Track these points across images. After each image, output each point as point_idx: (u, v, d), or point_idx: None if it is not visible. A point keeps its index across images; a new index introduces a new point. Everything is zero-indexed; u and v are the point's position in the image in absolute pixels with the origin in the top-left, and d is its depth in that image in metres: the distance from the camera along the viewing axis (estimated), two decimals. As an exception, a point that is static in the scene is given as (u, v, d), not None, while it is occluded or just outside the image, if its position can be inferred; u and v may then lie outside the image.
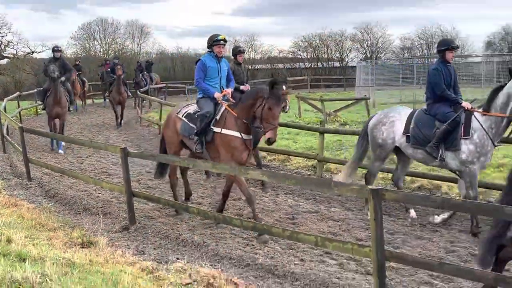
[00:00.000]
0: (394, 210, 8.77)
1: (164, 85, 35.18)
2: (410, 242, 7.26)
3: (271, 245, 7.25)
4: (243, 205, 8.96)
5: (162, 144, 9.40)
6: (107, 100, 28.22)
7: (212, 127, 7.85)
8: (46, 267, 5.06)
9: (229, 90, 8.25)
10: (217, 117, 7.90)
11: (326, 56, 66.89)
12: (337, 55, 66.68)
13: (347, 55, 66.87)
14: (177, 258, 6.66)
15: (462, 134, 7.39)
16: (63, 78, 14.36)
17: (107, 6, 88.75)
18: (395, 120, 8.09)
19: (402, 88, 33.48)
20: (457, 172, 7.92)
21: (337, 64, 64.60)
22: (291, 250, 7.04)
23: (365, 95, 25.18)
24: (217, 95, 8.00)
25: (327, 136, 12.46)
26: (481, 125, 7.33)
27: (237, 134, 7.64)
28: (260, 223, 7.45)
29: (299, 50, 66.85)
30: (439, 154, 7.55)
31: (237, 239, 7.56)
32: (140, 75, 27.06)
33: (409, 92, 30.99)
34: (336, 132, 13.99)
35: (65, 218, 8.61)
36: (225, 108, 7.88)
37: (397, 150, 8.38)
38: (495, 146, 7.42)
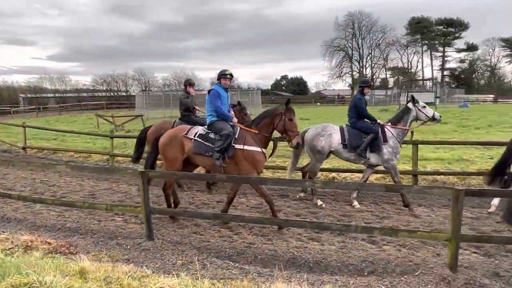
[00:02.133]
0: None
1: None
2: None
3: (77, 213, 6.56)
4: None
5: (150, 158, 6.40)
6: None
7: (233, 144, 5.79)
8: None
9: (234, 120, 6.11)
10: (236, 136, 5.85)
11: (116, 88, 66.33)
12: (123, 88, 65.99)
13: (130, 88, 66.94)
14: (3, 232, 5.61)
15: (382, 140, 6.76)
16: None
17: None
18: (332, 133, 6.92)
19: (164, 109, 34.18)
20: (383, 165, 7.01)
21: (124, 94, 64.25)
22: (91, 215, 6.47)
23: (141, 114, 24.67)
24: (235, 119, 6.07)
25: (116, 139, 11.73)
26: (392, 134, 6.82)
27: (258, 149, 5.78)
28: (68, 200, 6.75)
29: (97, 84, 65.93)
30: (367, 155, 6.79)
31: (52, 213, 6.64)
32: None
33: (169, 111, 32.63)
34: (122, 136, 13.23)
35: None
36: (241, 128, 5.95)
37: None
38: (400, 146, 6.92)
